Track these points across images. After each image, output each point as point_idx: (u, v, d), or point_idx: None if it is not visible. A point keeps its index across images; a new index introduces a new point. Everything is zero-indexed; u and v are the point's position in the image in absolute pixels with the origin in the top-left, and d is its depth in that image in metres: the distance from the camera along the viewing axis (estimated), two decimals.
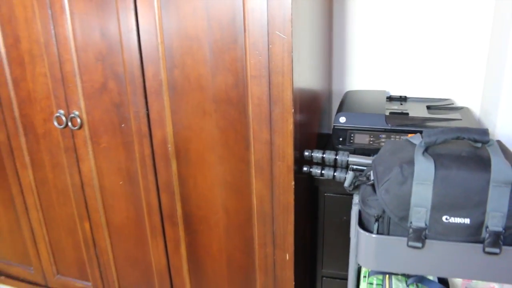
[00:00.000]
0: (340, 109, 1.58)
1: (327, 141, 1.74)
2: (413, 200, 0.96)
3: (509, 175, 0.92)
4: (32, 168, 1.67)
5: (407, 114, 1.53)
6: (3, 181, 1.77)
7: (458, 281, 1.34)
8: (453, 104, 1.68)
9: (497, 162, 0.93)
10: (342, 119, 1.52)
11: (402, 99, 1.74)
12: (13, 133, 1.64)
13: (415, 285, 1.16)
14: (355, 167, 1.26)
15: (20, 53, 1.48)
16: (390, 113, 1.55)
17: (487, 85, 1.65)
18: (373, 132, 1.49)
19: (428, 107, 1.63)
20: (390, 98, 1.76)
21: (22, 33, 1.44)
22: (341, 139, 1.51)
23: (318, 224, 1.58)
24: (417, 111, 1.57)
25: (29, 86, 1.52)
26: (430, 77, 1.76)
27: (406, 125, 1.45)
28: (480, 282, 1.32)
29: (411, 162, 0.96)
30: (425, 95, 1.79)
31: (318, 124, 1.60)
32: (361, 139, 1.49)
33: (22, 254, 1.90)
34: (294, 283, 1.38)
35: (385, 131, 1.47)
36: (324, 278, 1.66)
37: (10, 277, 1.99)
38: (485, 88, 1.67)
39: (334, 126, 1.53)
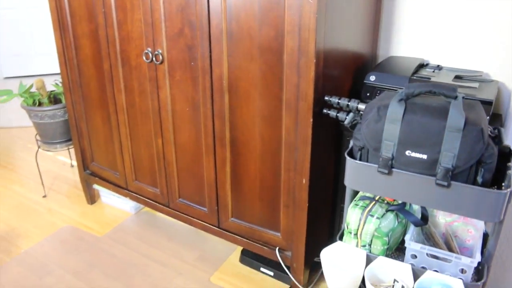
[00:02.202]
0: (374, 69, 1.83)
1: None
2: (385, 135, 1.24)
3: (461, 123, 1.16)
4: (125, 93, 2.13)
5: (429, 79, 1.74)
6: (104, 101, 2.27)
7: (441, 222, 1.58)
8: (481, 76, 1.84)
9: (454, 112, 1.17)
10: (372, 78, 1.78)
11: (438, 68, 1.92)
12: (114, 64, 2.11)
13: (394, 213, 1.43)
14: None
15: (124, 1, 1.91)
16: (416, 76, 1.77)
17: None
18: (396, 91, 1.72)
19: (457, 77, 1.82)
20: (427, 66, 1.95)
21: None
22: (368, 94, 1.77)
23: (341, 164, 1.88)
24: (442, 78, 1.76)
25: (128, 28, 1.96)
26: (468, 50, 1.92)
27: None
28: (460, 225, 1.55)
29: (387, 106, 1.24)
30: (463, 67, 1.95)
31: (352, 79, 1.87)
32: None
33: (112, 161, 2.42)
34: (308, 204, 1.71)
35: None
36: (342, 211, 1.97)
37: (102, 179, 2.54)
38: None
39: (364, 82, 1.79)
